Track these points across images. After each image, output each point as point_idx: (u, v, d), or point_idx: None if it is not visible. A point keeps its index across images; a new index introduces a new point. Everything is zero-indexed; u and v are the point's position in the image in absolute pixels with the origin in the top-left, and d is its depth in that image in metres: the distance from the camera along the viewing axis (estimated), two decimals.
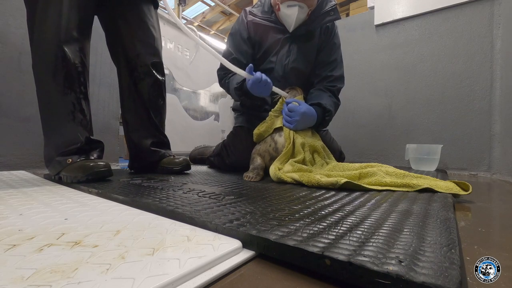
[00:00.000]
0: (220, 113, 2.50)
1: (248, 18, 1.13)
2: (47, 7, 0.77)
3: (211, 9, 6.22)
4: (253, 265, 0.31)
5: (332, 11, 1.08)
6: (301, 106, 0.97)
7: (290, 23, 1.07)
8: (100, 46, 1.34)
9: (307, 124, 1.00)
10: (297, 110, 0.95)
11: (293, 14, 1.04)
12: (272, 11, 1.12)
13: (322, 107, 1.04)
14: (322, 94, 1.11)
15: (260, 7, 1.15)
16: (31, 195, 0.61)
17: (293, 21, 1.05)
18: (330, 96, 1.12)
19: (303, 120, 0.96)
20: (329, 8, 1.08)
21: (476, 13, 1.49)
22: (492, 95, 1.43)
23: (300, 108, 0.96)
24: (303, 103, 0.99)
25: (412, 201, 0.55)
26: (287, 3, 1.03)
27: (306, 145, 0.94)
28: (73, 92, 0.80)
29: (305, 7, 1.04)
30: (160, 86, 1.05)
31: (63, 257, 0.28)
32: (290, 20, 1.06)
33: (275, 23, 1.11)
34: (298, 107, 0.96)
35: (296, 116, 0.95)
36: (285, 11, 1.05)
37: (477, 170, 1.47)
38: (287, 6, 1.03)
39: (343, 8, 5.44)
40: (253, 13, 1.13)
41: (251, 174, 0.90)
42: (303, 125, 0.98)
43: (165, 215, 0.46)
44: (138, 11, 0.98)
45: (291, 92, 1.05)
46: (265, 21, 1.11)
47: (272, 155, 0.98)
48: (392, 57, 1.76)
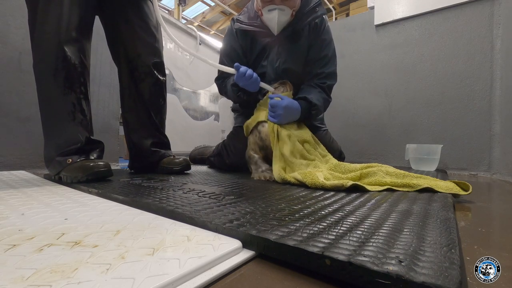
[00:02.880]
0: (220, 113, 2.50)
1: (235, 26, 1.14)
2: (48, 7, 0.77)
3: (211, 9, 6.23)
4: (253, 265, 0.31)
5: (317, 7, 1.08)
6: (283, 100, 0.99)
7: (273, 26, 1.07)
8: (100, 46, 1.34)
9: (291, 118, 1.01)
10: (279, 105, 0.97)
11: (273, 18, 1.04)
12: (258, 16, 1.12)
13: (308, 101, 1.05)
14: (311, 89, 1.11)
15: (246, 13, 1.15)
16: (31, 195, 0.61)
17: (275, 24, 1.05)
18: (320, 92, 1.11)
19: (286, 114, 0.98)
20: (313, 4, 1.08)
21: (476, 13, 1.49)
22: (492, 95, 1.43)
23: (282, 102, 0.98)
24: (286, 98, 1.00)
25: (412, 201, 0.55)
26: (267, 8, 1.03)
27: (292, 136, 0.95)
28: (74, 92, 0.80)
29: (287, 9, 1.03)
30: (161, 86, 1.05)
31: (63, 257, 0.28)
32: (272, 24, 1.06)
33: (262, 28, 1.11)
34: (279, 102, 0.98)
35: (279, 111, 0.97)
36: (266, 15, 1.05)
37: (477, 170, 1.47)
38: (267, 11, 1.04)
39: (343, 8, 5.44)
40: (240, 20, 1.13)
41: (266, 174, 0.91)
42: (287, 119, 1.00)
43: (165, 215, 0.46)
44: (139, 11, 0.98)
45: (279, 88, 1.07)
46: (252, 26, 1.11)
47: (259, 145, 1.02)
48: (392, 57, 1.76)
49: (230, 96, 1.15)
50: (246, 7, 1.19)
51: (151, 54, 1.01)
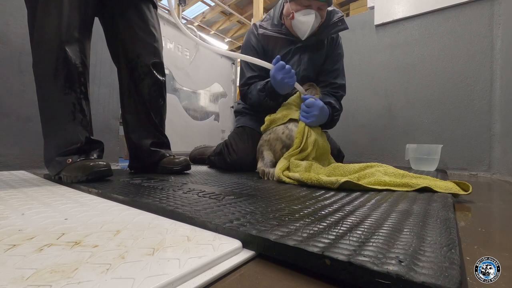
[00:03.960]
0: (220, 113, 2.50)
1: (259, 31, 1.18)
2: (48, 7, 0.77)
3: (211, 9, 6.22)
4: (253, 265, 0.31)
5: (340, 21, 1.14)
6: (319, 101, 1.01)
7: (304, 30, 1.10)
8: (100, 46, 1.34)
9: (322, 120, 1.04)
10: (316, 105, 0.99)
11: (309, 22, 1.07)
12: (282, 24, 1.17)
13: (332, 106, 1.10)
14: (328, 96, 1.17)
15: (270, 20, 1.20)
16: (31, 195, 0.61)
17: (308, 28, 1.08)
18: (335, 100, 1.18)
19: (320, 116, 1.00)
20: (336, 19, 1.14)
21: (476, 13, 1.49)
22: (492, 95, 1.43)
23: (319, 103, 1.00)
24: (319, 100, 1.03)
25: (412, 201, 0.55)
26: (303, 11, 1.07)
27: (316, 143, 0.96)
28: (74, 92, 0.80)
29: (319, 17, 1.09)
30: (161, 86, 1.05)
31: (63, 257, 0.28)
32: (304, 27, 1.09)
33: (285, 35, 1.16)
34: (317, 102, 1.00)
35: (315, 111, 0.98)
36: (300, 18, 1.08)
37: (477, 170, 1.47)
38: (303, 14, 1.07)
39: (343, 8, 5.44)
40: (263, 27, 1.18)
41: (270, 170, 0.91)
42: (319, 121, 1.02)
43: (165, 215, 0.46)
44: (138, 11, 0.98)
45: (310, 90, 1.09)
46: (275, 33, 1.15)
47: (285, 143, 0.99)
48: (392, 57, 1.76)
49: (254, 102, 1.16)
50: (268, 14, 1.24)
51: (151, 54, 1.00)
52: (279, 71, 0.97)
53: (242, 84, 1.23)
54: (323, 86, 1.21)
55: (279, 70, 0.97)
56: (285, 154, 0.94)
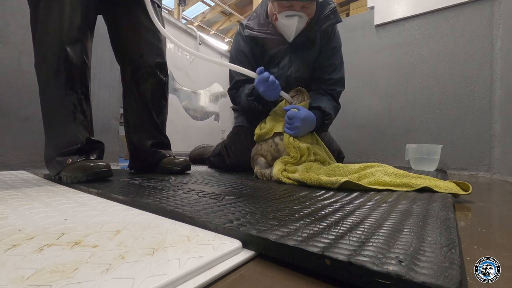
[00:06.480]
0: (220, 113, 2.50)
1: (245, 32, 1.10)
2: (50, 7, 0.76)
3: (211, 9, 6.23)
4: (253, 265, 0.31)
5: (332, 14, 1.04)
6: (301, 111, 0.95)
7: (289, 33, 1.04)
8: (100, 46, 1.34)
9: (308, 129, 0.99)
10: (297, 117, 0.93)
11: (292, 25, 1.00)
12: (269, 23, 1.08)
13: (321, 111, 1.03)
14: (321, 97, 1.10)
15: (256, 19, 1.11)
16: (31, 195, 0.61)
17: (292, 31, 1.02)
18: (330, 99, 1.11)
19: (304, 126, 0.95)
20: (328, 11, 1.04)
21: (476, 13, 1.49)
22: (492, 95, 1.43)
23: (300, 114, 0.94)
24: (302, 108, 0.97)
25: (412, 201, 0.55)
26: (285, 13, 0.99)
27: (311, 149, 0.95)
28: (75, 93, 0.80)
29: (304, 16, 1.00)
30: (163, 87, 1.04)
31: (63, 257, 0.28)
32: (289, 30, 1.02)
33: (273, 35, 1.07)
34: (297, 113, 0.94)
35: (296, 123, 0.93)
36: (283, 21, 1.01)
37: (477, 170, 1.47)
38: (285, 16, 0.99)
39: (343, 8, 5.44)
40: (250, 27, 1.09)
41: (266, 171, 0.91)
42: (304, 131, 0.97)
43: (165, 215, 0.46)
44: (142, 11, 0.97)
45: (297, 97, 1.03)
46: (262, 33, 1.07)
47: (274, 155, 0.99)
48: (392, 57, 1.76)
49: (243, 106, 1.12)
50: (254, 11, 1.15)
51: (154, 54, 1.00)
52: (262, 83, 0.92)
53: (230, 87, 1.18)
54: (318, 83, 1.14)
55: (262, 82, 0.92)
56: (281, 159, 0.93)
